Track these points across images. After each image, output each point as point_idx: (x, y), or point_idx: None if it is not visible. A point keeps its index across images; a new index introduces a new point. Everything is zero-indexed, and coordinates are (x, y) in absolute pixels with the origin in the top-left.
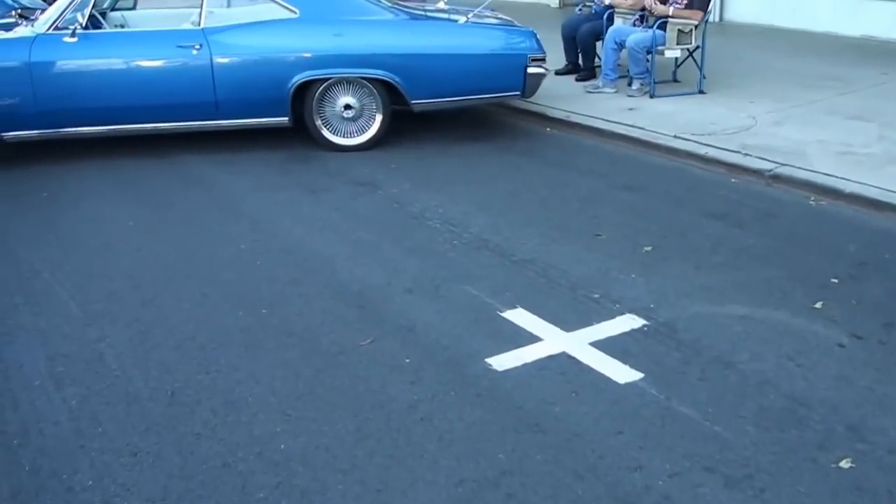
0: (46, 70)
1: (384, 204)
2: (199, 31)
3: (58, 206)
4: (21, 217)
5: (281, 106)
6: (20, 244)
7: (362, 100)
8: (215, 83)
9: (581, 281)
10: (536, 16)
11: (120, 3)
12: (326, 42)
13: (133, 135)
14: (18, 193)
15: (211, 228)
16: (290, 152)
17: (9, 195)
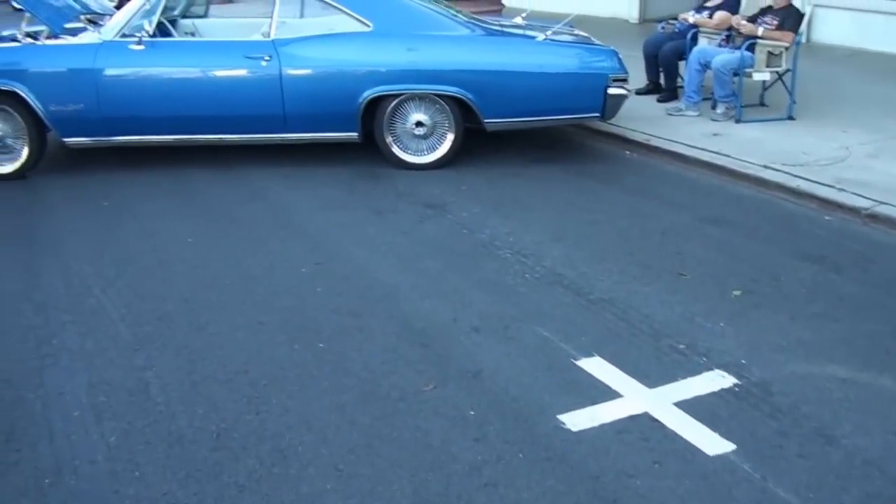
0: (111, 77)
1: (452, 229)
2: (269, 43)
3: (117, 216)
4: (80, 226)
5: (350, 121)
6: (76, 257)
7: (434, 117)
8: (284, 96)
9: (664, 327)
10: (615, 31)
11: (191, 10)
12: (399, 57)
13: (198, 145)
14: (80, 201)
15: (272, 248)
16: (357, 169)
17: (71, 202)
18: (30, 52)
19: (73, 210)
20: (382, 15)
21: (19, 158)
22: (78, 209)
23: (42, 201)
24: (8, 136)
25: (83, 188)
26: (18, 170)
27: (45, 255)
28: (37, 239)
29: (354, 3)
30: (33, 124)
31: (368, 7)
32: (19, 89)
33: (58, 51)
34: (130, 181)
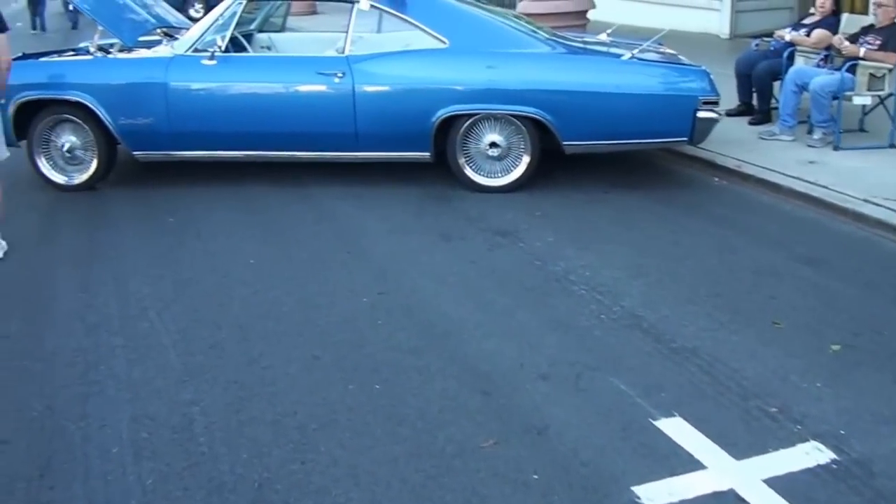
0: (182, 92)
1: (524, 260)
2: (343, 59)
3: (181, 234)
4: (143, 243)
5: (423, 140)
6: (135, 276)
7: (510, 138)
8: (356, 113)
9: (755, 386)
10: (704, 47)
11: (269, 24)
12: (475, 75)
13: (266, 162)
14: (146, 216)
15: (335, 274)
16: (428, 189)
17: (136, 217)
18: (101, 64)
19: (138, 225)
20: (459, 32)
21: (88, 170)
22: (142, 225)
23: (107, 215)
24: (78, 147)
25: (150, 203)
26: (87, 181)
27: (105, 273)
28: (98, 254)
29: (431, 20)
30: (103, 137)
31: (445, 23)
32: (89, 102)
33: (128, 64)
34: (197, 197)
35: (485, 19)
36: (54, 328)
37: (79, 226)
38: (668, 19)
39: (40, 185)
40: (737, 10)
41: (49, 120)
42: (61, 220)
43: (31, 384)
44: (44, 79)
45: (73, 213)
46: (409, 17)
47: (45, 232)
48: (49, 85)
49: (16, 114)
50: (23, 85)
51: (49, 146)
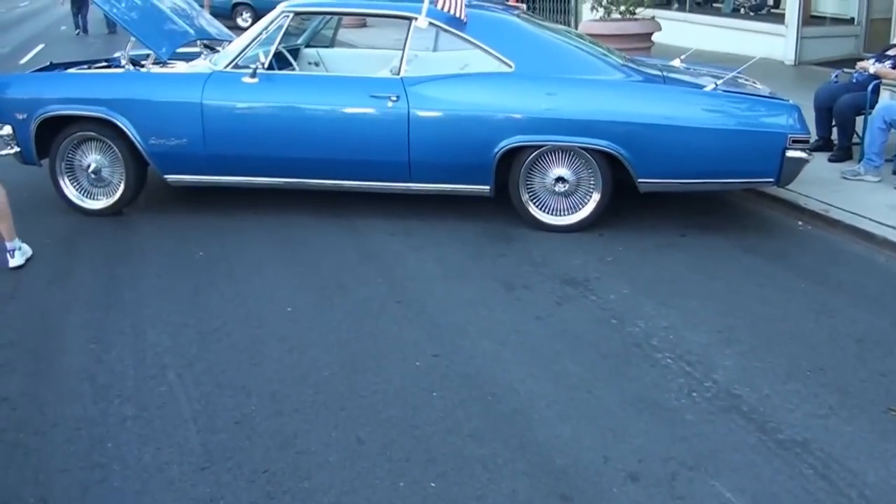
0: (219, 111)
1: (598, 317)
2: (398, 81)
3: (211, 272)
4: (167, 283)
5: (483, 173)
6: (155, 323)
7: (578, 173)
8: (411, 141)
9: (879, 497)
10: (767, 74)
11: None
12: (543, 103)
13: (309, 190)
14: (173, 248)
15: (383, 329)
16: (486, 227)
17: (163, 250)
18: (131, 79)
19: (164, 259)
20: (526, 54)
21: (115, 193)
22: (168, 259)
23: (131, 246)
24: (104, 168)
25: (179, 233)
26: (113, 205)
27: (122, 319)
28: (117, 295)
29: (495, 40)
30: (131, 157)
31: (511, 45)
32: (117, 120)
33: (162, 80)
34: (231, 228)
35: (554, 42)
36: (59, 389)
37: (99, 258)
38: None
39: (62, 208)
40: (803, 37)
41: (74, 138)
42: (81, 250)
43: (26, 467)
44: (69, 93)
45: (95, 241)
46: (472, 37)
47: (61, 265)
48: (75, 100)
49: (38, 130)
50: (46, 99)
51: (73, 166)
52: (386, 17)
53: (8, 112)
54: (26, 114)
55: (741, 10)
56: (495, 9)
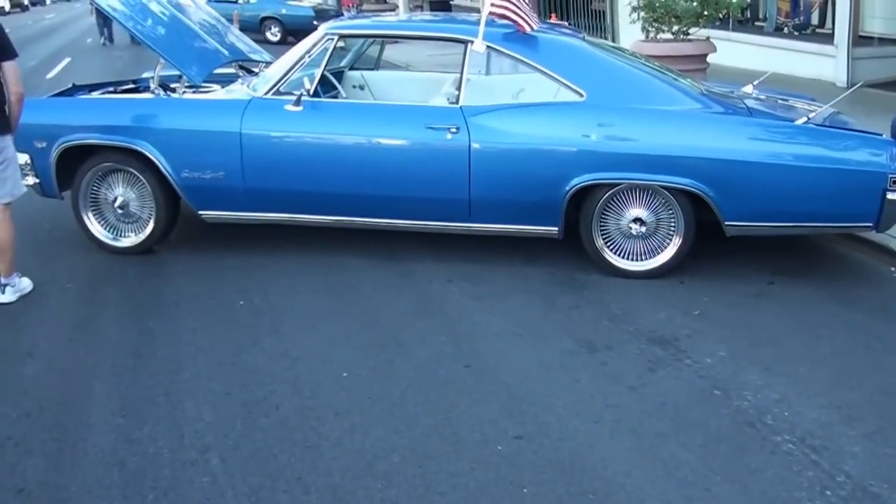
0: (260, 142)
1: (698, 386)
2: (457, 111)
3: (253, 326)
4: (205, 340)
5: (552, 213)
6: (193, 391)
7: (657, 214)
8: (471, 177)
9: None
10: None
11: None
12: (619, 136)
13: (359, 229)
14: (210, 296)
15: (455, 402)
16: (552, 271)
17: (198, 297)
18: (162, 106)
19: (200, 311)
20: (599, 82)
21: (144, 230)
22: (205, 310)
23: (163, 292)
24: (132, 202)
25: (215, 276)
26: (143, 243)
27: (155, 384)
28: (148, 355)
29: (564, 66)
30: (162, 191)
31: (582, 71)
32: (147, 150)
33: (196, 107)
34: (274, 272)
35: (627, 68)
36: (83, 478)
37: (127, 307)
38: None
39: (86, 245)
40: (854, 57)
41: (99, 169)
42: (107, 297)
43: None
44: (94, 119)
45: (122, 286)
46: (538, 62)
47: (85, 315)
48: (100, 127)
49: (59, 160)
50: (68, 126)
51: (98, 200)
52: (439, 41)
53: (26, 140)
54: (46, 142)
55: (784, 30)
56: (563, 31)
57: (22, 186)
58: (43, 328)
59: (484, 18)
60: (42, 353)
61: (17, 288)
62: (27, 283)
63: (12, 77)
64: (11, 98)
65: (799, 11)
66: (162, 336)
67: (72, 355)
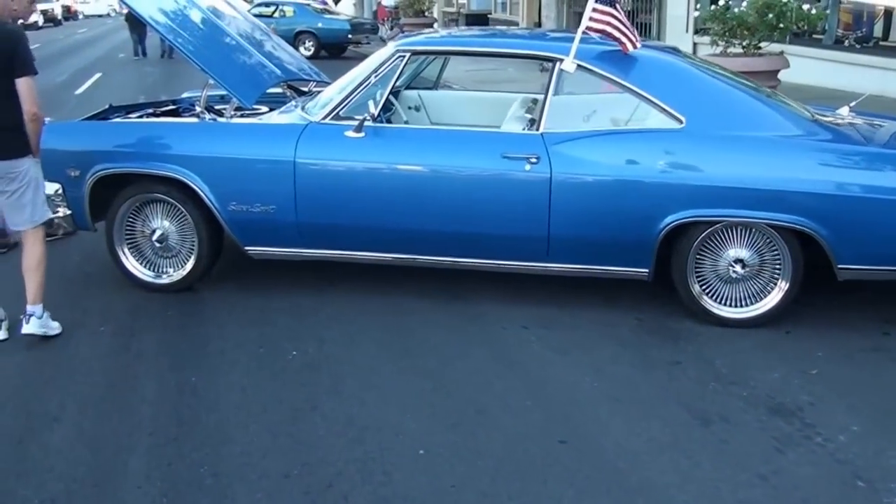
0: (316, 172)
1: (838, 474)
2: (537, 138)
3: (310, 385)
4: (255, 396)
5: (642, 253)
6: (245, 471)
7: (761, 255)
8: (552, 213)
9: None
10: None
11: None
12: (722, 168)
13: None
14: (258, 345)
15: (559, 495)
16: (639, 316)
17: (245, 346)
18: (207, 131)
19: (248, 363)
20: (700, 107)
21: (185, 265)
22: (254, 361)
23: (206, 338)
24: (172, 235)
25: (264, 321)
26: (183, 280)
27: (200, 461)
28: (191, 421)
29: (664, 89)
30: (205, 224)
31: (682, 95)
32: (190, 180)
33: (245, 132)
34: (327, 314)
35: (730, 90)
36: None
37: (166, 357)
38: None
39: (120, 281)
40: None
41: (137, 200)
42: (143, 343)
43: None
44: (132, 146)
45: (160, 329)
46: (634, 84)
47: (118, 366)
48: (139, 154)
49: (93, 189)
50: (104, 153)
51: (134, 233)
52: (524, 59)
53: (57, 168)
54: (80, 170)
55: (845, 42)
56: (661, 48)
57: (46, 212)
58: (72, 383)
59: (580, 34)
60: (70, 417)
61: (43, 322)
62: (56, 326)
63: (26, 95)
64: (26, 118)
65: (862, 23)
66: (206, 395)
67: (104, 420)
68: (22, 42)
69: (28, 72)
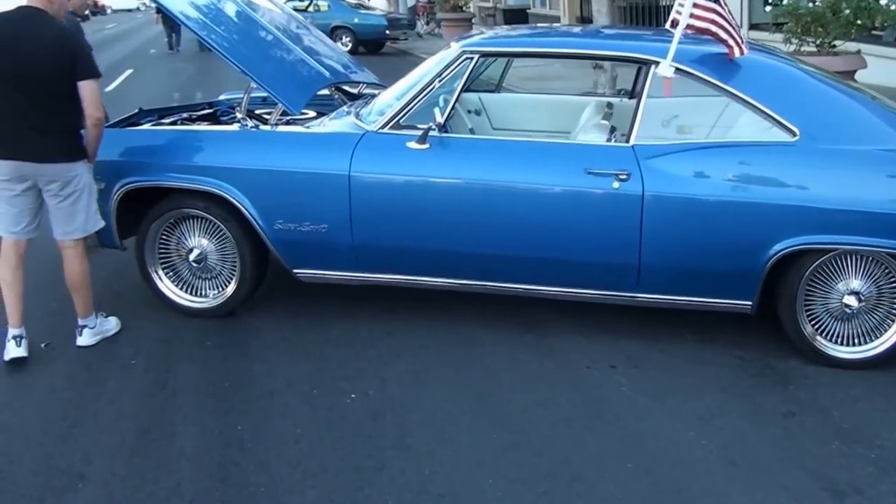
0: (374, 187)
1: None
2: (628, 151)
3: (373, 436)
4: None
5: (745, 283)
6: None
7: (879, 286)
8: (643, 237)
9: None
10: None
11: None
12: (841, 188)
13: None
14: (309, 382)
15: None
16: (739, 354)
17: (295, 383)
18: (249, 140)
19: (300, 407)
20: (816, 117)
21: (226, 288)
22: (307, 405)
23: (251, 376)
24: (211, 254)
25: (316, 354)
26: (224, 304)
27: None
28: (237, 482)
29: (775, 97)
30: (249, 244)
31: (796, 103)
32: (232, 195)
33: (292, 142)
34: (387, 347)
35: (846, 98)
36: None
37: (206, 398)
38: None
39: (153, 303)
40: None
41: (171, 215)
42: (181, 381)
43: None
44: (166, 156)
45: (198, 363)
46: (741, 91)
47: (153, 411)
48: (174, 166)
49: (121, 203)
50: (135, 164)
51: (169, 252)
52: (612, 61)
53: None
54: (106, 182)
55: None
56: (771, 52)
57: (98, 221)
58: (100, 430)
59: (679, 34)
60: (97, 475)
61: (98, 329)
62: (113, 324)
63: (90, 99)
64: (88, 122)
65: None
66: (255, 448)
67: (137, 479)
68: (81, 42)
69: (92, 74)
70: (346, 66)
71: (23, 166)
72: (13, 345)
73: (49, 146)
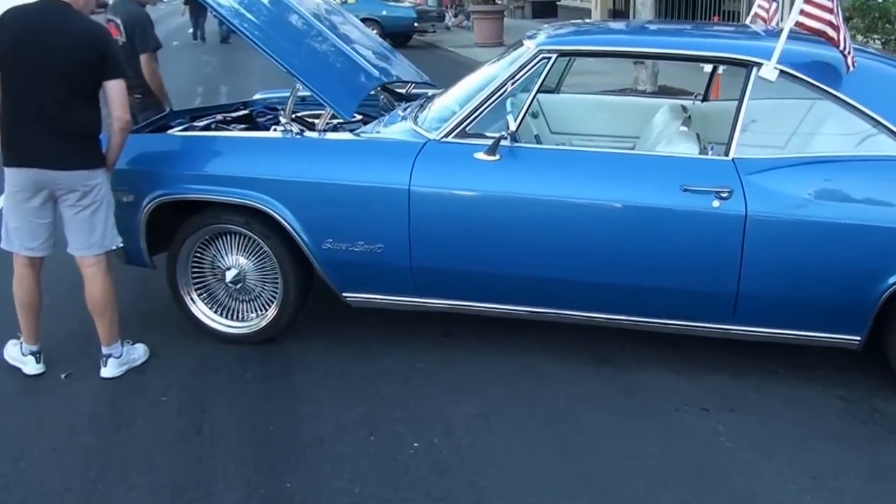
0: (438, 203)
1: None
2: (728, 165)
3: (442, 498)
4: None
5: (855, 317)
6: None
7: None
8: (744, 264)
9: None
10: None
11: None
12: None
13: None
14: (364, 432)
15: None
16: (841, 394)
17: (346, 430)
18: (294, 149)
19: (357, 459)
20: None
21: (266, 312)
22: (364, 457)
23: (298, 421)
24: (250, 274)
25: (370, 392)
26: (264, 330)
27: None
28: None
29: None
30: (293, 264)
31: None
32: (274, 209)
33: (343, 151)
34: (450, 383)
35: None
36: None
37: (249, 447)
38: None
39: (185, 327)
40: None
41: (206, 231)
42: (218, 425)
43: None
44: (201, 165)
45: (240, 405)
46: (855, 100)
47: (188, 461)
48: (209, 177)
49: (151, 217)
50: (166, 174)
51: (204, 271)
52: (708, 63)
53: None
54: (134, 195)
55: None
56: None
57: (116, 237)
58: (127, 488)
59: (786, 32)
60: None
61: (124, 359)
62: (141, 353)
63: (118, 101)
64: (115, 126)
65: None
66: None
67: None
68: (110, 40)
69: (120, 74)
70: (399, 66)
71: (38, 174)
72: (32, 361)
73: (67, 152)
